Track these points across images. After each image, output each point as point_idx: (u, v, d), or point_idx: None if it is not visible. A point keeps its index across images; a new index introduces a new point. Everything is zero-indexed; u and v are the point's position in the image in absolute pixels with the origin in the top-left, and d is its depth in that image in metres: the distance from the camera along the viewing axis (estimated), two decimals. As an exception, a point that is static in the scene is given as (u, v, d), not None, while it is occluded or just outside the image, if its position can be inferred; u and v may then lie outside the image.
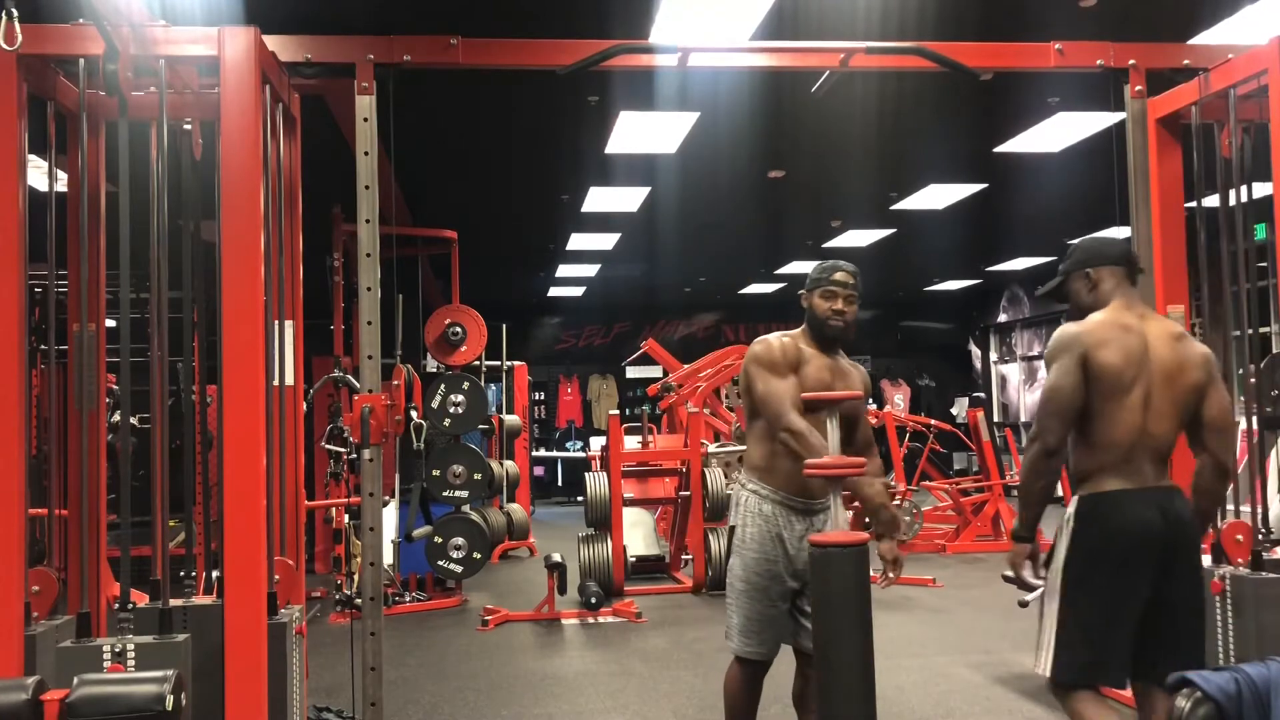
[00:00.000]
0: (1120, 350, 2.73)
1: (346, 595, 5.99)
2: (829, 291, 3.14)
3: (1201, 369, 2.76)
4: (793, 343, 3.15)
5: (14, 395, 2.67)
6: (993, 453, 9.59)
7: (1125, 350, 2.73)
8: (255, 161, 2.73)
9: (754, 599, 3.08)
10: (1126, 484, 2.72)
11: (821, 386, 3.05)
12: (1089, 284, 2.93)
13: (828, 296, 3.14)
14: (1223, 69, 3.20)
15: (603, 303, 14.72)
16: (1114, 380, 2.72)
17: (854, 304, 3.16)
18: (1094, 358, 2.74)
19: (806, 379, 3.08)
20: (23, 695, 1.97)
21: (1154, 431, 2.74)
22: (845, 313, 3.13)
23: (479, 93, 5.62)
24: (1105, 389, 2.73)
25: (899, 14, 4.56)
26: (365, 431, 2.97)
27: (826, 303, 3.14)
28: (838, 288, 3.14)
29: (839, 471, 2.81)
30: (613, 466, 7.17)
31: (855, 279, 3.18)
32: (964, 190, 8.47)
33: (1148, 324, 2.81)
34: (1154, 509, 2.70)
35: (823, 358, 3.15)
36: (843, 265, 3.19)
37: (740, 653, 3.11)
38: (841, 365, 3.20)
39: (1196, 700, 2.11)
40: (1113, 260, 2.91)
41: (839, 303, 3.14)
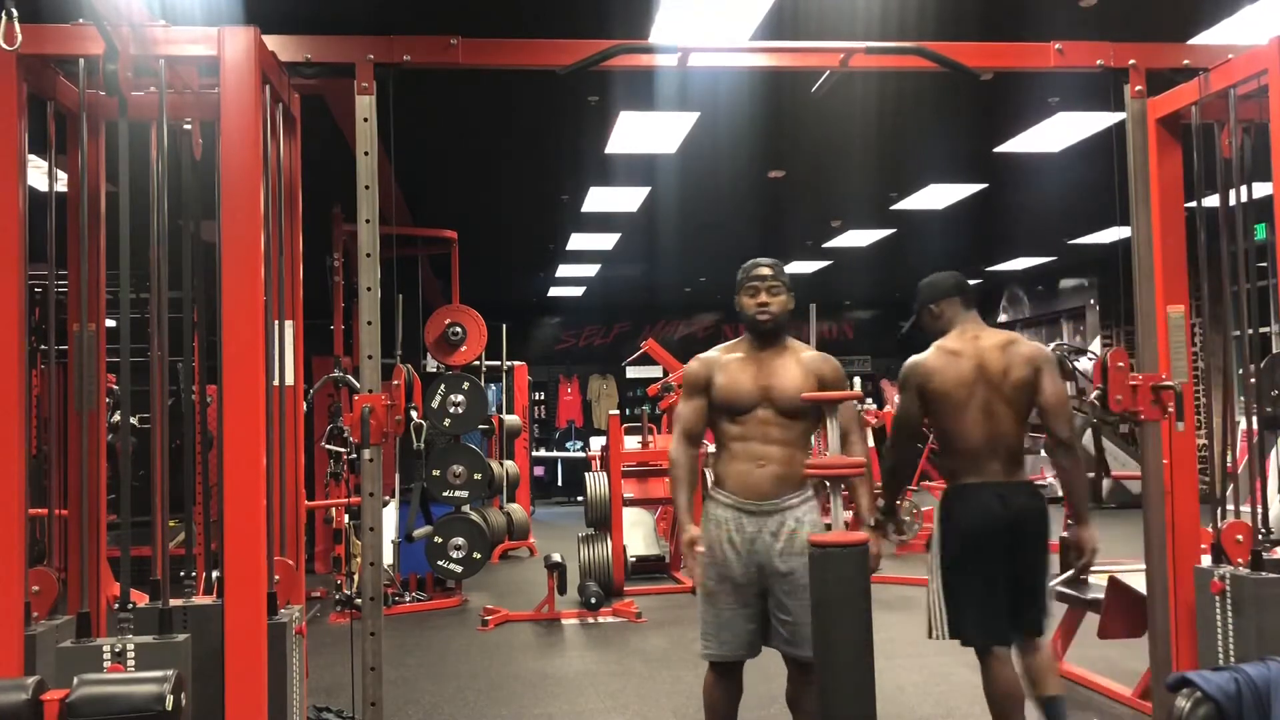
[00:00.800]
0: (950, 376, 3.35)
1: (346, 595, 5.99)
2: (751, 288, 3.22)
3: (1027, 365, 3.31)
4: (714, 358, 3.26)
5: (14, 395, 2.67)
6: (993, 453, 9.56)
7: (956, 375, 3.34)
8: (255, 161, 2.72)
9: (708, 602, 3.15)
10: (976, 479, 3.32)
11: (737, 388, 3.16)
12: (934, 315, 3.55)
13: (751, 293, 3.22)
14: (1223, 69, 3.20)
15: (603, 303, 14.72)
16: (949, 402, 3.34)
17: (779, 294, 3.22)
18: (928, 387, 3.38)
19: (719, 387, 3.18)
20: (23, 695, 1.97)
21: (999, 434, 3.31)
22: (769, 304, 3.19)
23: (479, 93, 5.62)
24: (946, 409, 3.35)
25: (899, 14, 4.56)
26: (365, 431, 2.97)
27: (752, 299, 3.22)
28: (758, 282, 3.22)
29: (839, 471, 2.82)
30: (613, 466, 7.17)
31: (775, 270, 3.25)
32: (964, 190, 8.47)
33: (980, 342, 3.39)
34: (996, 499, 3.29)
35: (752, 357, 3.21)
36: (761, 261, 3.28)
37: (701, 654, 3.18)
38: (779, 359, 3.19)
39: (1196, 700, 2.11)
40: (947, 293, 3.58)
41: (762, 296, 3.20)
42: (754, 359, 3.20)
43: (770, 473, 3.10)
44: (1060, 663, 4.94)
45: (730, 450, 3.18)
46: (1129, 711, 4.28)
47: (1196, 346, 4.19)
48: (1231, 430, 3.83)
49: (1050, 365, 3.34)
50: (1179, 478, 3.30)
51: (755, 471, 3.11)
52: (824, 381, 3.16)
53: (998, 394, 3.30)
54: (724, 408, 3.17)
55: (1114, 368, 3.25)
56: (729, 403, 3.15)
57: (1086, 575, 4.60)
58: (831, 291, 14.23)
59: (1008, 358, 3.32)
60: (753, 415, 3.13)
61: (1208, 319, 3.63)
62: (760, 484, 3.10)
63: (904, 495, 8.45)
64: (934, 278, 3.66)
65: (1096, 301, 12.69)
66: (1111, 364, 3.26)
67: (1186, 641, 3.24)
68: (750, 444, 3.13)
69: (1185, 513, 3.30)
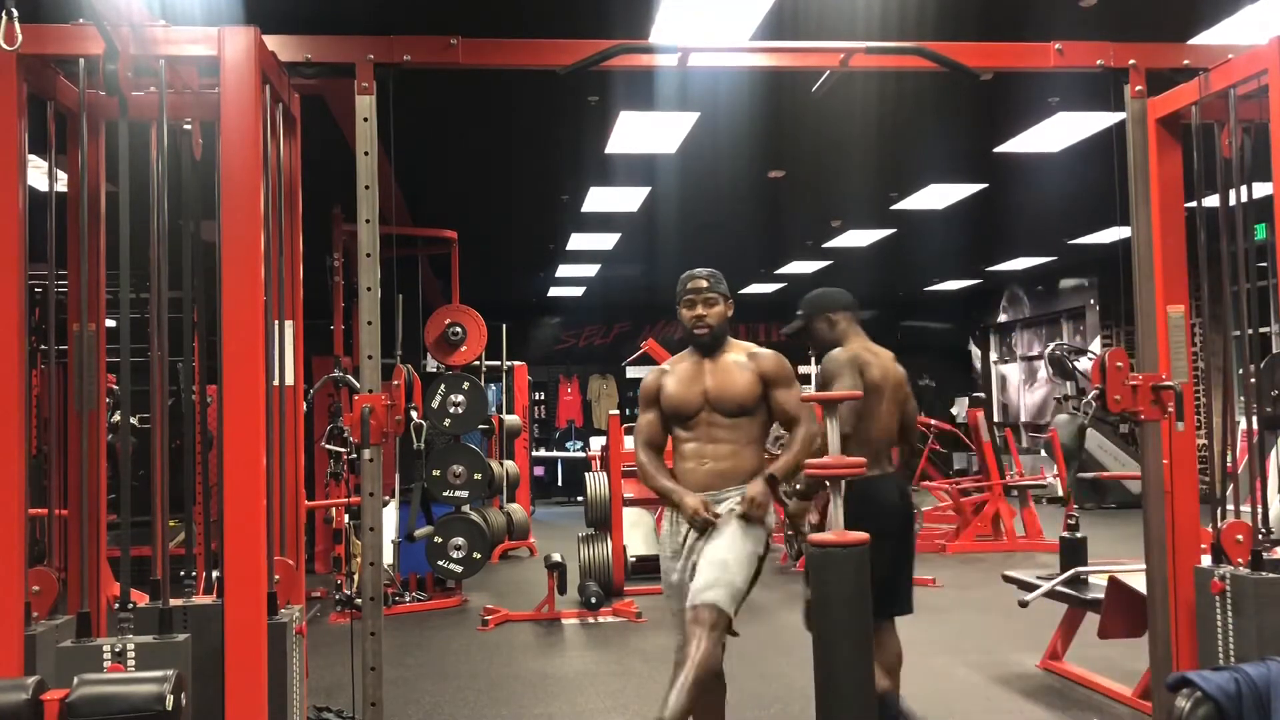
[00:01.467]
0: (876, 373, 3.67)
1: (346, 595, 5.99)
2: (688, 301, 3.37)
3: (906, 383, 3.83)
4: (662, 370, 3.46)
5: (14, 395, 2.67)
6: (993, 453, 9.58)
7: (880, 372, 3.68)
8: (255, 161, 2.72)
9: (668, 598, 3.40)
10: (880, 470, 3.61)
11: (682, 396, 3.33)
12: (830, 324, 3.83)
13: (688, 306, 3.37)
14: (1223, 69, 3.20)
15: (603, 303, 14.71)
16: (877, 391, 3.63)
17: (715, 305, 3.36)
18: (866, 373, 3.63)
19: (666, 398, 3.37)
20: (23, 695, 1.97)
21: (891, 430, 3.73)
22: (705, 316, 3.34)
23: (479, 93, 5.62)
24: (869, 401, 3.59)
25: (899, 14, 4.56)
26: (365, 431, 2.97)
27: (689, 311, 3.37)
28: (694, 295, 3.36)
29: (839, 472, 2.82)
30: (613, 466, 7.17)
31: (710, 281, 3.38)
32: (964, 190, 8.47)
33: (879, 352, 3.77)
34: (895, 490, 3.68)
35: (695, 365, 3.37)
36: (697, 272, 3.40)
37: (675, 654, 3.28)
38: (721, 364, 3.35)
39: (1196, 700, 2.11)
40: (846, 306, 3.88)
41: (699, 309, 3.35)
42: (698, 366, 3.37)
43: (709, 469, 3.30)
44: (1061, 662, 4.95)
45: (680, 453, 3.38)
46: (1129, 711, 4.28)
47: (1196, 346, 4.19)
48: (1231, 430, 3.83)
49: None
50: (1179, 478, 3.30)
51: (697, 469, 3.32)
52: (767, 376, 3.32)
53: (894, 398, 3.73)
54: (672, 416, 3.38)
55: (1112, 368, 3.24)
56: (676, 411, 3.36)
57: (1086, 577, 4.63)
58: (831, 292, 14.21)
59: (899, 372, 3.80)
60: (698, 419, 3.33)
61: (1208, 319, 3.63)
62: (700, 479, 3.30)
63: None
64: (830, 290, 3.95)
65: (1096, 301, 12.69)
66: (1110, 364, 3.25)
67: (1186, 641, 3.24)
68: (695, 445, 3.34)
69: (1185, 513, 3.30)
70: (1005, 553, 8.75)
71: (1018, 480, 9.77)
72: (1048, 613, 5.11)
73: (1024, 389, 15.06)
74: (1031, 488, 9.67)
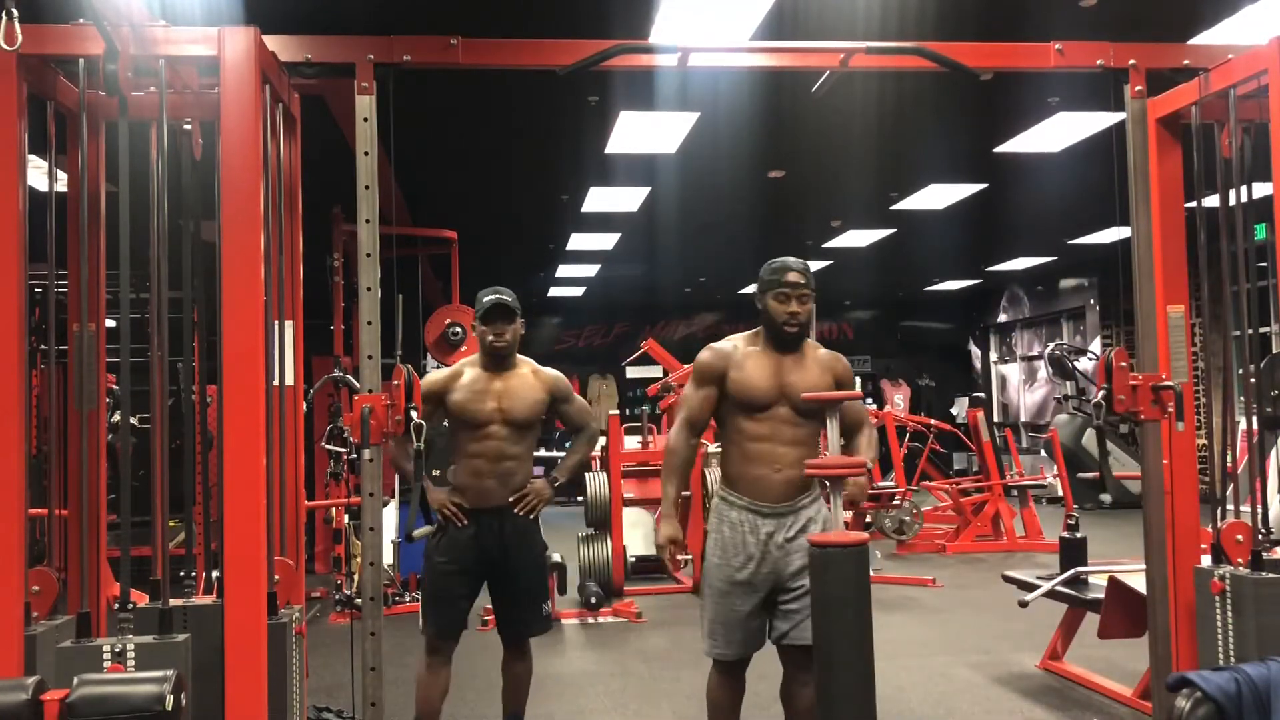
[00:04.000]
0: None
1: (346, 595, 5.99)
2: (782, 294, 3.16)
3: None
4: (729, 351, 3.21)
5: (14, 395, 2.67)
6: (993, 453, 9.59)
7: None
8: (255, 161, 2.72)
9: (718, 603, 3.17)
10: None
11: (756, 384, 3.13)
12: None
13: (782, 299, 3.16)
14: (1223, 69, 3.20)
15: (603, 303, 14.72)
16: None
17: (808, 303, 3.18)
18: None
19: (735, 382, 3.14)
20: (23, 695, 1.97)
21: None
22: (799, 313, 3.16)
23: (479, 93, 5.62)
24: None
25: (899, 14, 4.56)
26: (365, 431, 2.97)
27: (782, 306, 3.16)
28: (789, 289, 3.15)
29: (839, 472, 2.82)
30: (613, 466, 7.17)
31: (806, 276, 3.19)
32: (964, 190, 8.47)
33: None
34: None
35: (770, 354, 3.18)
36: (792, 264, 3.20)
37: (708, 653, 3.21)
38: (797, 359, 3.20)
39: (1196, 700, 2.11)
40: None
41: (793, 305, 3.15)
42: (772, 357, 3.19)
43: (785, 477, 3.12)
44: (1061, 662, 4.95)
45: (744, 450, 3.17)
46: (1129, 711, 4.28)
47: (1196, 346, 4.18)
48: (1231, 430, 3.83)
49: None
50: (1179, 478, 3.30)
51: (772, 476, 3.13)
52: (839, 381, 3.22)
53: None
54: (740, 403, 3.15)
55: (1117, 367, 3.22)
56: (746, 399, 3.13)
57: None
58: (831, 291, 14.21)
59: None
60: (770, 414, 3.14)
61: (1208, 319, 3.63)
62: (777, 488, 3.13)
63: (904, 495, 8.49)
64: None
65: (1096, 301, 12.69)
66: (1115, 364, 3.23)
67: (1186, 641, 3.23)
68: (766, 444, 3.13)
69: (1185, 513, 3.29)
70: (1005, 553, 8.75)
71: (1018, 480, 9.77)
72: (1048, 613, 5.11)
73: (1024, 389, 15.07)
74: (1031, 488, 9.67)
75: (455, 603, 3.62)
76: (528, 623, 3.74)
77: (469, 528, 3.60)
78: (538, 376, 3.71)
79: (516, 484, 3.64)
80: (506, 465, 3.62)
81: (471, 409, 3.57)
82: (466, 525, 3.60)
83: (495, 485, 3.60)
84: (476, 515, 3.61)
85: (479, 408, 3.56)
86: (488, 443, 3.58)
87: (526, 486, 3.66)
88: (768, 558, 3.12)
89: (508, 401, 3.60)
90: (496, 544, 3.61)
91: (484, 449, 3.59)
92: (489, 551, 3.61)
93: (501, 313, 3.58)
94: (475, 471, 3.60)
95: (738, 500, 3.17)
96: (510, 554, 3.64)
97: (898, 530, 8.47)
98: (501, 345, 3.58)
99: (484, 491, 3.60)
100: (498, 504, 3.61)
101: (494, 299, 3.59)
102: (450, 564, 3.60)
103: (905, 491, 8.58)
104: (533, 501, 3.66)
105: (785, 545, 3.12)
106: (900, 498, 8.49)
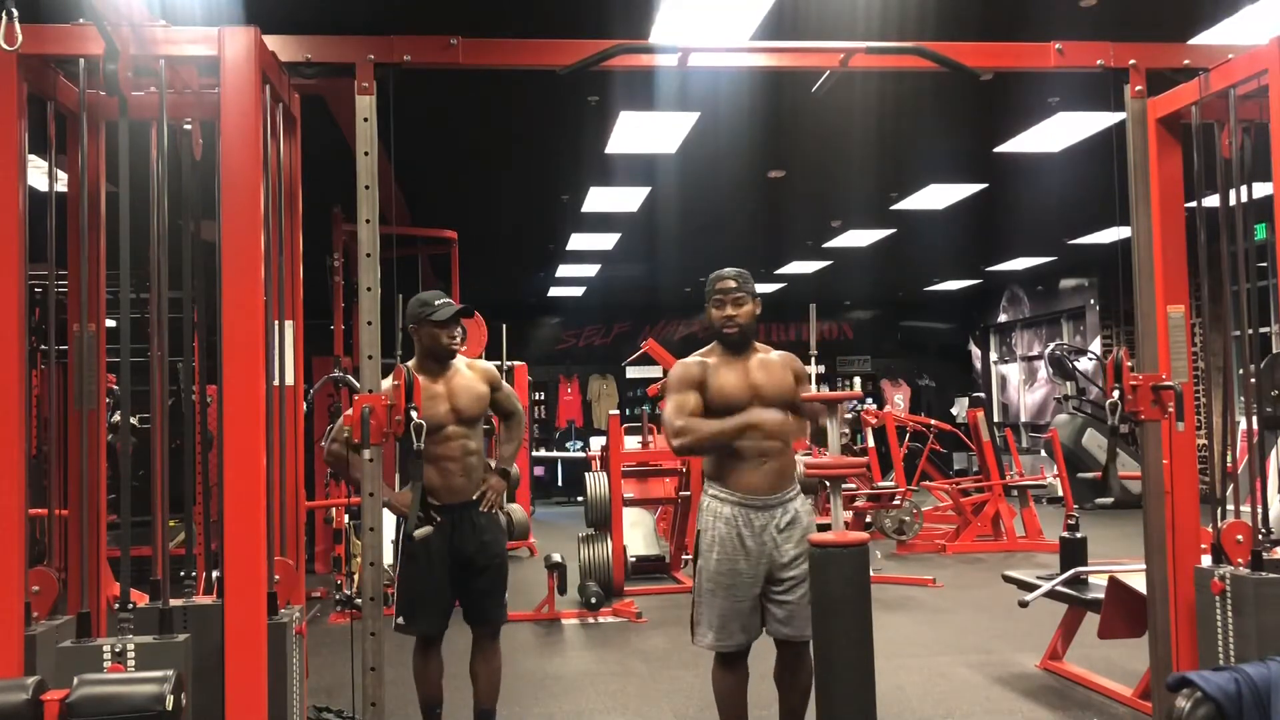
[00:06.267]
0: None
1: (346, 595, 5.98)
2: (717, 301, 3.39)
3: None
4: (702, 362, 3.41)
5: (14, 395, 2.67)
6: (993, 453, 9.58)
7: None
8: (255, 161, 2.72)
9: (721, 597, 3.30)
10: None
11: (731, 389, 3.31)
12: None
13: (718, 306, 3.39)
14: (1223, 69, 3.20)
15: (603, 303, 14.71)
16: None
17: (744, 304, 3.39)
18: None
19: (714, 389, 3.31)
20: (23, 695, 1.97)
21: None
22: (736, 316, 3.37)
23: (479, 93, 5.62)
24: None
25: (899, 14, 4.56)
26: (365, 431, 2.97)
27: (719, 311, 3.39)
28: (723, 295, 3.38)
29: (839, 471, 2.82)
30: (613, 466, 7.17)
31: (739, 281, 3.40)
32: (964, 190, 8.47)
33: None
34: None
35: (731, 362, 3.38)
36: (725, 272, 3.42)
37: (715, 647, 3.34)
38: (756, 361, 3.41)
39: (1196, 700, 2.11)
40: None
41: (728, 309, 3.37)
42: (734, 363, 3.39)
43: (770, 469, 3.31)
44: (1061, 662, 4.94)
45: (730, 450, 3.31)
46: (1129, 711, 4.28)
47: (1196, 346, 4.19)
48: (1231, 430, 3.83)
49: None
50: (1179, 478, 3.30)
51: (759, 469, 3.30)
52: (797, 376, 3.43)
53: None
54: (721, 408, 3.32)
55: (1125, 368, 3.20)
56: (725, 403, 3.32)
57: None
58: (831, 291, 14.22)
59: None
60: (747, 415, 3.31)
61: (1208, 319, 3.63)
62: (763, 481, 3.30)
63: (904, 495, 8.49)
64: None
65: (1096, 301, 12.69)
66: (1124, 363, 3.20)
67: (1186, 641, 3.23)
68: (749, 443, 3.29)
69: (1185, 513, 3.30)
70: (1005, 553, 8.75)
71: (1018, 480, 9.77)
72: (1048, 613, 5.11)
73: (1024, 389, 15.06)
74: (1031, 488, 9.67)
75: (441, 598, 3.78)
76: (498, 612, 3.94)
77: (444, 526, 3.74)
78: (473, 370, 3.88)
79: (479, 477, 3.84)
80: (470, 460, 3.80)
81: (428, 414, 3.50)
82: (441, 523, 3.73)
83: (463, 481, 3.78)
84: (449, 511, 3.76)
85: (434, 411, 3.66)
86: (449, 444, 3.74)
87: (484, 483, 3.85)
88: (763, 549, 3.28)
89: (458, 400, 3.76)
90: (472, 537, 3.78)
91: (446, 450, 3.74)
92: (465, 545, 3.77)
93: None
94: (443, 471, 3.75)
95: (729, 496, 3.33)
96: (485, 546, 3.82)
97: (898, 530, 8.47)
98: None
99: (454, 488, 3.76)
100: (466, 498, 3.79)
101: (451, 304, 3.75)
102: (433, 564, 3.73)
103: (905, 491, 8.58)
104: (493, 497, 3.86)
105: (777, 536, 3.29)
106: (900, 498, 8.48)
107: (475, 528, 3.80)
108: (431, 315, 3.71)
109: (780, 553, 3.28)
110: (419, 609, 3.76)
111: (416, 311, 3.75)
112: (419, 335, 3.77)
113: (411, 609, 3.76)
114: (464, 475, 3.79)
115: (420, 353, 3.81)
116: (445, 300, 3.77)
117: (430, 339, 3.75)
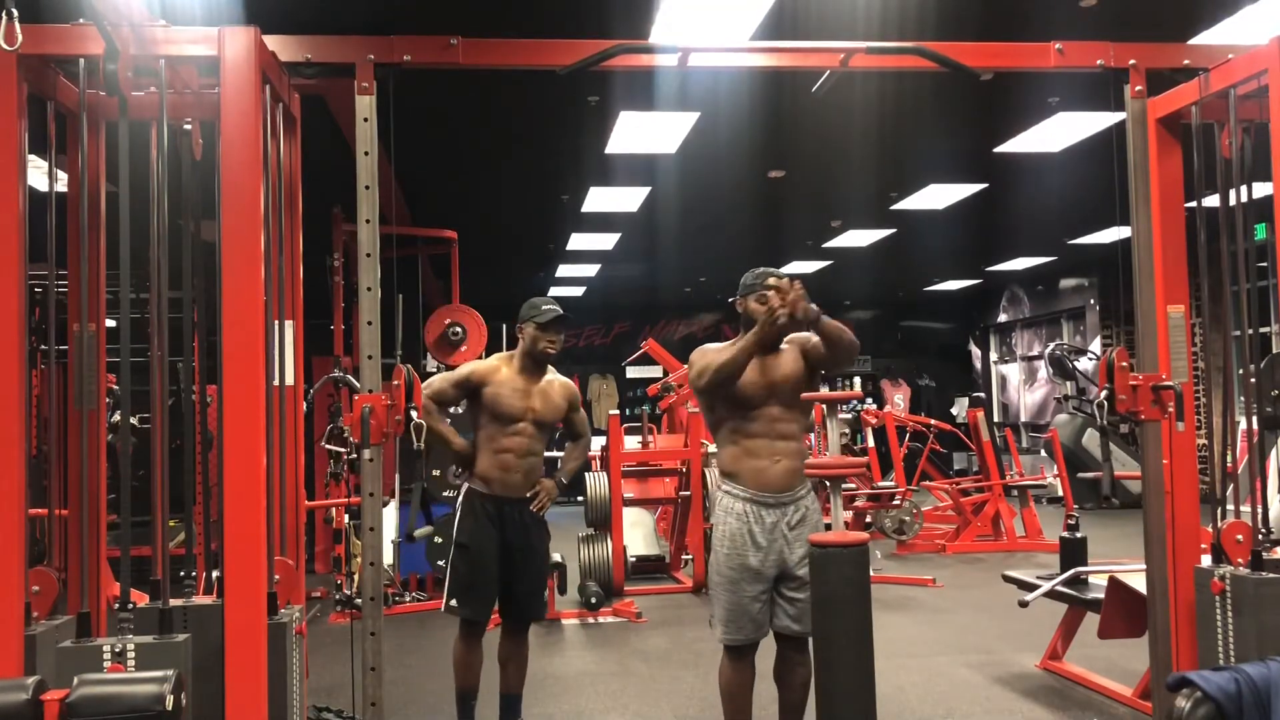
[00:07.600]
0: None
1: (346, 595, 5.99)
2: (765, 298, 3.39)
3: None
4: (724, 345, 3.43)
5: (14, 395, 2.67)
6: (993, 453, 9.59)
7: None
8: (255, 161, 2.72)
9: (730, 591, 3.33)
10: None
11: (749, 385, 3.31)
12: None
13: (763, 300, 3.38)
14: (1223, 69, 3.20)
15: (603, 303, 14.70)
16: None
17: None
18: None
19: (741, 384, 3.30)
20: (23, 695, 1.97)
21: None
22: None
23: (479, 93, 5.62)
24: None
25: (899, 14, 4.56)
26: (365, 431, 2.97)
27: (761, 305, 3.35)
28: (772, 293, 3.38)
29: (839, 471, 2.83)
30: (613, 466, 7.17)
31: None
32: (964, 190, 8.47)
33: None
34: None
35: (757, 358, 3.33)
36: (773, 271, 3.47)
37: (722, 640, 3.38)
38: (774, 357, 3.42)
39: (1196, 700, 2.11)
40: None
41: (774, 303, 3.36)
42: (756, 358, 3.36)
43: (784, 467, 3.36)
44: (1061, 662, 4.95)
45: (743, 446, 3.37)
46: (1129, 711, 4.28)
47: (1196, 346, 4.18)
48: (1231, 430, 3.83)
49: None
50: (1179, 478, 3.30)
51: (772, 467, 3.34)
52: (804, 351, 3.42)
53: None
54: (738, 403, 3.35)
55: (1119, 367, 3.22)
56: (743, 398, 3.34)
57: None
58: (831, 291, 14.22)
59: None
60: (763, 411, 3.36)
61: (1208, 319, 3.63)
62: (777, 478, 3.34)
63: (904, 495, 8.50)
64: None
65: (1096, 301, 12.69)
66: (1117, 363, 3.22)
67: (1186, 641, 3.23)
68: (763, 440, 3.35)
69: (1185, 513, 3.30)
70: (1005, 553, 8.75)
71: (1018, 480, 9.77)
72: (1048, 613, 5.11)
73: (1024, 389, 15.06)
74: (1031, 488, 9.67)
75: (489, 587, 3.86)
76: (537, 608, 4.10)
77: (495, 517, 3.84)
78: (562, 386, 4.06)
79: (535, 479, 3.95)
80: (531, 461, 3.92)
81: (509, 404, 3.84)
82: (492, 514, 3.84)
83: (520, 479, 3.89)
84: (500, 504, 3.86)
85: (517, 405, 3.84)
86: (518, 439, 3.86)
87: (539, 484, 3.95)
88: (774, 545, 3.31)
89: (541, 404, 3.92)
90: (519, 533, 3.89)
91: (514, 444, 3.86)
92: (513, 540, 3.87)
93: (562, 324, 3.89)
94: (503, 465, 3.86)
95: (742, 492, 3.35)
96: (530, 543, 3.94)
97: (898, 530, 8.47)
98: (554, 353, 3.91)
99: (510, 484, 3.87)
100: (520, 495, 3.90)
101: (557, 311, 3.89)
102: (483, 553, 3.82)
103: (905, 491, 8.58)
104: (544, 500, 3.96)
105: (788, 534, 3.33)
106: (900, 498, 8.48)
107: (523, 526, 3.90)
108: (535, 317, 3.88)
109: (791, 550, 3.32)
110: (466, 597, 3.85)
111: (526, 312, 3.92)
112: (523, 334, 3.92)
113: (464, 594, 3.84)
114: (522, 474, 3.89)
115: (521, 350, 3.95)
116: (552, 306, 3.93)
117: (531, 340, 3.90)
